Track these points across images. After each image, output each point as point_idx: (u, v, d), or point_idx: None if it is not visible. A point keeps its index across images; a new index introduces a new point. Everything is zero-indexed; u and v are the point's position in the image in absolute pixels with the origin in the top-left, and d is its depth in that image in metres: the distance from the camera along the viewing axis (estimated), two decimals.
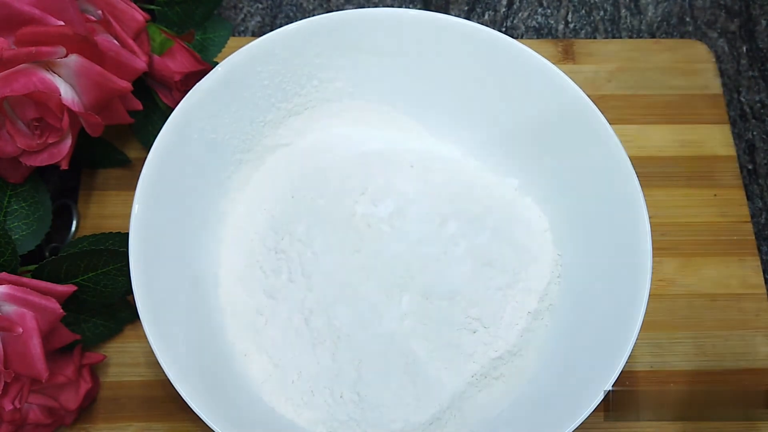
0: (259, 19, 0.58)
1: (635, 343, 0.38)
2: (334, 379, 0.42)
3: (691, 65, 0.56)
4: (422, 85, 0.47)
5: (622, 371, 0.37)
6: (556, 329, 0.44)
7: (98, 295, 0.43)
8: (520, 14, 0.60)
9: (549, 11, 0.60)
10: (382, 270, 0.44)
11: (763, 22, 0.60)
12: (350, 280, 0.44)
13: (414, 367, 0.43)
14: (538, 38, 0.59)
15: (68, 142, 0.43)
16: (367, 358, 0.42)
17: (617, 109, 0.54)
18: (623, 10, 0.59)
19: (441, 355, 0.43)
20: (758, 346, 0.48)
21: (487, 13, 0.59)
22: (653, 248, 0.40)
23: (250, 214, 0.46)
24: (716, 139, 0.54)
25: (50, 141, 0.42)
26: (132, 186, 0.40)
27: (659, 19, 0.59)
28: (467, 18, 0.55)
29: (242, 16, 0.58)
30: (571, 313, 0.44)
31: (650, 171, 0.52)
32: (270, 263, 0.45)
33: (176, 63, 0.47)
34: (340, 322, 0.43)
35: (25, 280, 0.40)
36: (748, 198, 0.53)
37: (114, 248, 0.43)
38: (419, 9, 0.46)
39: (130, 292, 0.38)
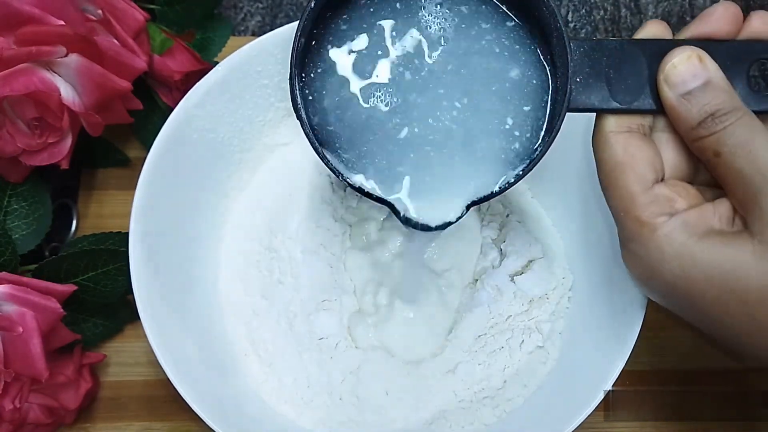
0: (259, 18, 0.58)
1: (635, 343, 0.38)
2: (326, 385, 0.42)
3: None
4: None
5: (622, 371, 0.37)
6: (557, 329, 0.44)
7: (98, 294, 0.43)
8: None
9: None
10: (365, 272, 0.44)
11: None
12: (334, 286, 0.44)
13: (413, 370, 0.43)
14: None
15: (68, 142, 0.43)
16: (363, 364, 0.42)
17: None
18: (623, 10, 0.59)
19: (441, 355, 0.43)
20: None
21: None
22: None
23: (249, 213, 0.46)
24: None
25: (50, 140, 0.42)
26: (132, 185, 0.40)
27: (659, 18, 0.59)
28: None
29: (242, 15, 0.58)
30: (572, 313, 0.44)
31: None
32: (265, 262, 0.45)
33: (176, 62, 0.47)
34: (321, 330, 0.43)
35: (25, 279, 0.40)
36: None
37: (114, 248, 0.43)
38: None
39: (130, 291, 0.38)
